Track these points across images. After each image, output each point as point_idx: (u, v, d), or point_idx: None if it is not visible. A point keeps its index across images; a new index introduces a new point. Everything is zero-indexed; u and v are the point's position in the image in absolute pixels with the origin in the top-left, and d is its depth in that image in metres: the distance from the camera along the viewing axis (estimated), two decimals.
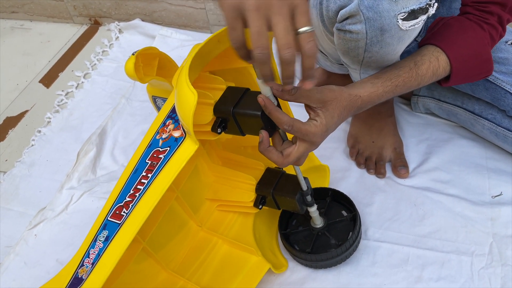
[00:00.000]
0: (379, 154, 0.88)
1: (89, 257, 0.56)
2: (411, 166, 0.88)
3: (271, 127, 0.60)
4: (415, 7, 0.59)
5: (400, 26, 0.60)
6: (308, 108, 0.60)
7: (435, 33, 0.71)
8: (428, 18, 0.78)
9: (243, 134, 0.63)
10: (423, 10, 0.60)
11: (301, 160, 0.62)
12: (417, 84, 0.68)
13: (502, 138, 0.83)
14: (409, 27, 0.61)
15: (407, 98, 0.98)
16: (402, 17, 0.59)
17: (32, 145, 1.08)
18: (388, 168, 0.88)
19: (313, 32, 0.45)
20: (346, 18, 0.62)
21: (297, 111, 0.70)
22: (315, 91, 0.58)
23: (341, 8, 0.62)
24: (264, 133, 0.59)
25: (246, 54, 0.47)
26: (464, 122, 0.89)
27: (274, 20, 0.44)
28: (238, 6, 0.45)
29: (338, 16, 0.63)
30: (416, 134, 0.93)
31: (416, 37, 0.83)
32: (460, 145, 0.90)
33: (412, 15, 0.59)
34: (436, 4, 0.61)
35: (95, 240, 0.57)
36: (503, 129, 0.82)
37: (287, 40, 0.44)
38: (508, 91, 0.78)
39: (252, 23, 0.44)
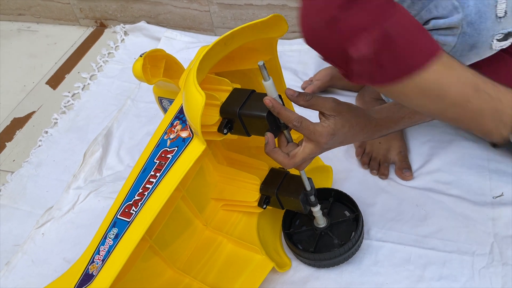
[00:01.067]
0: (384, 155, 0.89)
1: (99, 254, 0.57)
2: (414, 167, 0.89)
3: (276, 128, 0.61)
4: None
5: (493, 46, 0.59)
6: (321, 114, 0.60)
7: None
8: None
9: (249, 135, 0.64)
10: None
11: (305, 164, 0.63)
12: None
13: None
14: (499, 47, 0.60)
15: None
16: (498, 38, 0.58)
17: (39, 146, 1.10)
18: (391, 170, 0.89)
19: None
20: (439, 29, 0.60)
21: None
22: (332, 100, 0.59)
23: (437, 18, 0.60)
24: (269, 135, 0.60)
25: None
26: None
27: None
28: None
29: (429, 25, 0.61)
30: (419, 135, 0.94)
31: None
32: (462, 147, 0.91)
33: (507, 36, 0.59)
34: None
35: (105, 237, 0.58)
36: None
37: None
38: None
39: None
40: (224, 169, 0.79)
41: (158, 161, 0.60)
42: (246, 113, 0.60)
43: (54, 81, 1.28)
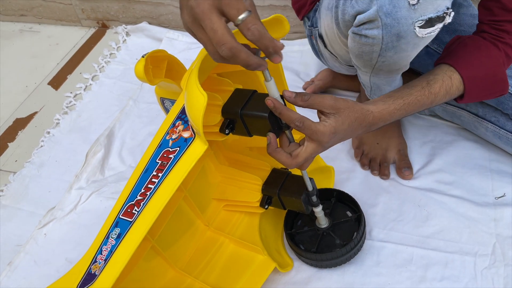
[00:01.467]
0: (383, 155, 0.89)
1: (101, 254, 0.57)
2: (415, 168, 0.89)
3: (278, 128, 0.61)
4: (433, 15, 0.59)
5: (417, 34, 0.61)
6: (320, 113, 0.61)
7: (450, 52, 0.71)
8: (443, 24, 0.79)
9: (251, 135, 0.64)
10: (440, 19, 0.60)
11: (306, 164, 0.63)
12: (430, 102, 0.69)
13: (505, 141, 0.84)
14: (425, 34, 0.61)
15: None
16: (419, 25, 0.60)
17: (41, 146, 1.10)
18: (392, 169, 0.89)
19: (250, 17, 0.46)
20: (364, 23, 0.63)
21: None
22: (329, 98, 0.59)
23: (359, 13, 0.63)
24: (271, 135, 0.60)
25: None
26: (468, 124, 0.90)
27: (203, 25, 0.46)
28: (186, 25, 0.49)
29: (356, 20, 0.64)
30: (420, 136, 0.94)
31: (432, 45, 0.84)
32: (464, 147, 0.91)
33: (429, 23, 0.60)
34: (452, 13, 0.61)
35: (107, 237, 0.58)
36: (506, 132, 0.82)
37: (216, 40, 0.46)
38: None
39: (197, 37, 0.48)
40: (226, 170, 0.79)
41: (160, 161, 0.60)
42: (247, 114, 0.60)
43: (56, 81, 1.28)
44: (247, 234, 0.78)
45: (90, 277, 0.57)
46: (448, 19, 0.61)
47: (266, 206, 0.76)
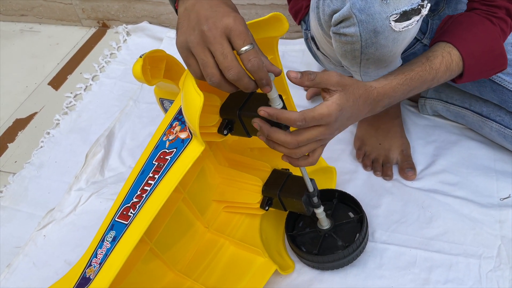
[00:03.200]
0: (385, 156, 0.88)
1: (96, 257, 0.57)
2: (419, 168, 0.88)
3: (278, 127, 0.60)
4: (407, 8, 0.59)
5: (393, 28, 0.60)
6: (324, 92, 0.59)
7: (445, 31, 0.70)
8: (429, 18, 0.78)
9: (249, 136, 0.63)
10: (416, 11, 0.59)
11: (307, 147, 0.59)
12: (432, 78, 0.67)
13: (510, 140, 0.82)
14: (402, 28, 0.60)
15: (415, 100, 0.98)
16: (394, 19, 0.59)
17: (41, 147, 1.09)
18: (395, 170, 0.88)
19: (252, 50, 0.51)
20: (340, 22, 0.63)
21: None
22: (335, 74, 0.58)
23: (335, 11, 0.63)
24: (258, 120, 0.58)
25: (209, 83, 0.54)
26: (472, 124, 0.88)
27: (212, 49, 0.51)
28: (186, 45, 0.53)
29: (332, 19, 0.64)
30: (424, 136, 0.93)
31: (422, 38, 0.83)
32: (468, 147, 0.89)
33: (405, 16, 0.59)
34: (428, 5, 0.60)
35: (102, 240, 0.57)
36: (511, 130, 0.81)
37: (226, 64, 0.51)
38: None
39: (198, 57, 0.52)
40: (225, 171, 0.78)
41: (156, 163, 0.59)
42: (246, 114, 0.59)
43: (56, 82, 1.27)
44: (248, 236, 0.78)
45: (84, 281, 0.56)
46: (424, 11, 0.60)
47: (267, 208, 0.75)
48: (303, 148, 0.59)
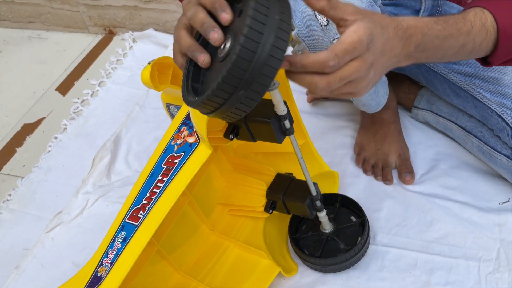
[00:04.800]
0: (384, 161, 0.89)
1: (107, 257, 0.58)
2: (419, 172, 0.89)
3: (282, 133, 0.61)
4: None
5: None
6: (340, 26, 0.48)
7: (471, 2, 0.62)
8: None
9: (255, 140, 0.64)
10: None
11: (344, 87, 0.47)
12: (468, 31, 0.56)
13: (488, 157, 0.83)
14: None
15: (409, 109, 0.99)
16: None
17: (49, 151, 1.11)
18: (395, 174, 0.89)
19: None
20: (296, 43, 0.65)
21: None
22: (352, 3, 0.48)
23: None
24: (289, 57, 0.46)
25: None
26: (458, 138, 0.89)
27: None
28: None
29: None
30: (424, 140, 0.94)
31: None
32: (468, 152, 0.90)
33: None
34: None
35: (113, 240, 0.59)
36: (489, 147, 0.82)
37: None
38: (494, 111, 0.78)
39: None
40: (230, 175, 0.80)
41: (165, 166, 0.60)
42: (251, 119, 0.61)
43: (64, 87, 1.29)
44: (252, 239, 0.79)
45: (96, 279, 0.58)
46: None
47: (271, 211, 0.76)
48: (337, 91, 0.48)
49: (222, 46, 0.45)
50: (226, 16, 0.45)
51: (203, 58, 0.46)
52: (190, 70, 0.49)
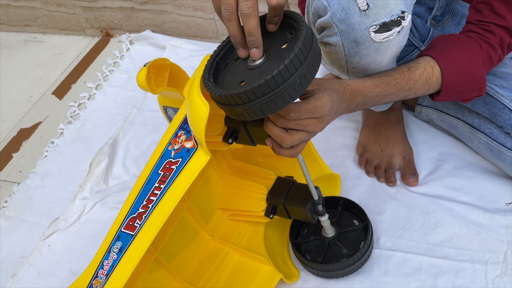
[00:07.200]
0: (388, 162, 0.88)
1: (103, 269, 0.56)
2: (423, 173, 0.87)
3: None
4: (386, 20, 0.59)
5: (373, 38, 0.61)
6: (303, 96, 0.58)
7: (432, 47, 0.71)
8: (432, 27, 0.78)
9: (254, 144, 0.63)
10: (396, 23, 0.60)
11: (299, 148, 0.59)
12: (409, 88, 0.68)
13: (496, 154, 0.81)
14: (382, 39, 0.61)
15: (412, 107, 0.97)
16: (374, 30, 0.60)
17: (46, 156, 1.10)
18: (398, 176, 0.88)
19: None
20: (323, 30, 0.63)
21: None
22: None
23: (319, 17, 0.63)
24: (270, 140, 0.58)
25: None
26: (463, 136, 0.88)
27: None
28: None
29: (316, 25, 0.64)
30: (428, 140, 0.93)
31: (420, 45, 0.83)
32: (472, 151, 0.89)
33: (385, 27, 0.60)
34: (409, 16, 0.61)
35: (108, 251, 0.57)
36: (498, 144, 0.80)
37: (226, 2, 0.50)
38: (507, 106, 0.77)
39: None
40: (230, 179, 0.78)
41: (162, 173, 0.59)
42: (250, 123, 0.59)
43: (60, 91, 1.28)
44: (252, 244, 0.77)
45: None
46: (405, 23, 0.61)
47: (271, 216, 0.75)
48: (294, 137, 0.57)
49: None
50: (256, 53, 0.52)
51: (244, 54, 0.53)
52: (225, 48, 0.56)
